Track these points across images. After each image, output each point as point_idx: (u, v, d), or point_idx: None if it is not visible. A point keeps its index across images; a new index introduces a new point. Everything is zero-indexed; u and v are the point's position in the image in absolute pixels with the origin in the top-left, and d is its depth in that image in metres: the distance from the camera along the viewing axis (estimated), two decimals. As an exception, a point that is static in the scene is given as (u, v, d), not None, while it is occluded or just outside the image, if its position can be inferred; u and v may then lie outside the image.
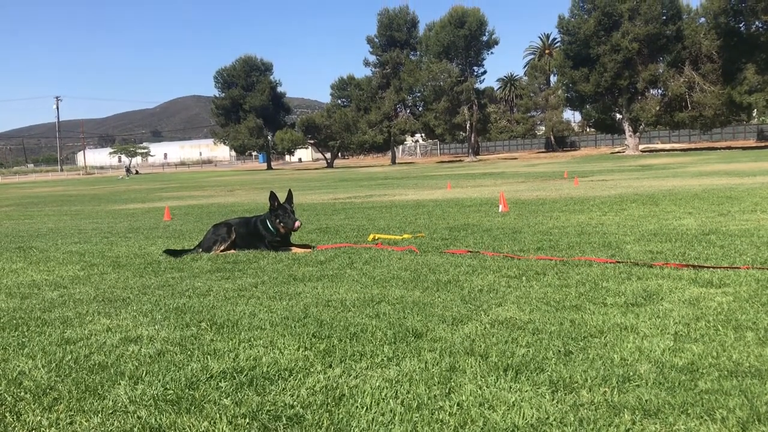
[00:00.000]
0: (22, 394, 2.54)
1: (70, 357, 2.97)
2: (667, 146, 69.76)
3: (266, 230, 6.17)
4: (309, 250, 6.08)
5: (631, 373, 2.50)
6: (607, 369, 2.55)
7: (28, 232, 9.78)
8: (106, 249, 6.95)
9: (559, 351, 2.78)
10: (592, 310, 3.43)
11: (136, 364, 2.83)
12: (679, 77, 55.14)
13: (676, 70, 55.58)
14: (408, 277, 4.55)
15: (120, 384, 2.60)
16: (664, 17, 55.60)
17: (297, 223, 6.08)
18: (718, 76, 53.73)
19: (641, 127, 59.88)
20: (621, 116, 60.22)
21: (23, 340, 3.31)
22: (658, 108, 57.16)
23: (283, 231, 6.14)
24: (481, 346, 2.88)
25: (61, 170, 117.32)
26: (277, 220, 6.09)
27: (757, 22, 51.41)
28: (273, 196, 6.16)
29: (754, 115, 68.64)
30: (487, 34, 68.92)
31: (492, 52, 70.99)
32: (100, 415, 2.33)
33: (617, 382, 2.42)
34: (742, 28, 53.05)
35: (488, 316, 3.40)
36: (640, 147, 60.77)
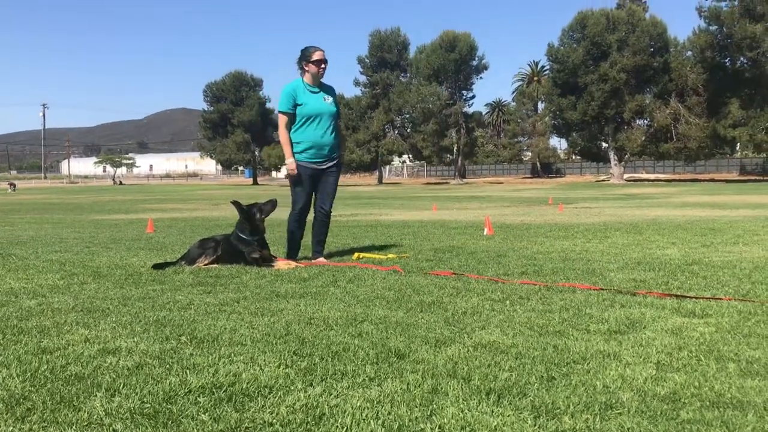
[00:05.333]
0: (-5, 403, 2.49)
1: (45, 367, 2.92)
2: (652, 176, 70.46)
3: (243, 243, 6.15)
4: (292, 265, 6.05)
5: (614, 401, 2.49)
6: (590, 396, 2.54)
7: (8, 239, 9.66)
8: (87, 259, 6.87)
9: (542, 376, 2.77)
10: (575, 336, 3.43)
11: (114, 376, 2.78)
12: (665, 109, 55.85)
13: (662, 102, 56.32)
14: (392, 297, 4.53)
15: (96, 396, 2.55)
16: (652, 49, 56.45)
17: (273, 200, 6.44)
18: (703, 109, 54.49)
19: (626, 156, 60.48)
20: (607, 145, 60.82)
21: (-2, 348, 3.25)
22: (643, 138, 57.81)
23: (263, 225, 6.29)
24: (463, 368, 2.86)
25: (45, 178, 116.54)
26: (258, 215, 6.21)
27: (742, 58, 52.30)
28: (237, 203, 6.33)
29: (737, 149, 69.59)
30: (477, 59, 69.57)
31: (481, 77, 71.62)
32: (74, 427, 2.28)
33: (599, 410, 2.40)
34: (727, 63, 53.93)
35: (471, 339, 3.38)
36: (625, 176, 61.34)
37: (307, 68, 6.39)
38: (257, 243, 6.16)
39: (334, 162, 6.56)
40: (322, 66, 6.38)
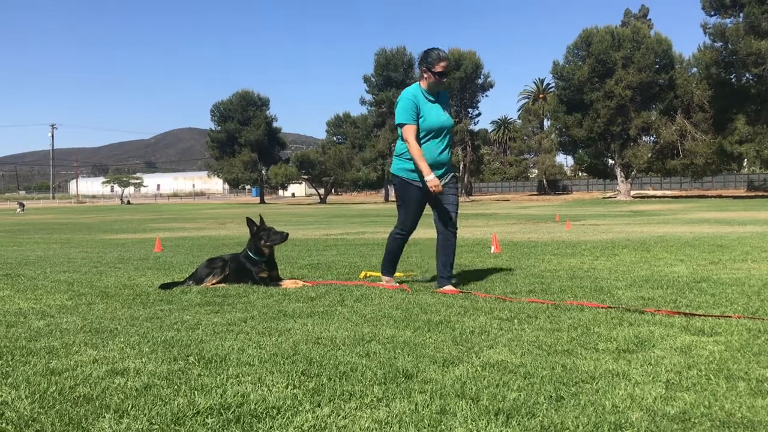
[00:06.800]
0: (4, 425, 2.49)
1: (54, 388, 2.92)
2: (659, 193, 70.29)
3: (251, 262, 6.15)
4: (299, 284, 6.05)
5: (623, 421, 2.47)
6: (599, 416, 2.52)
7: (17, 259, 9.70)
8: (95, 279, 6.89)
9: (551, 396, 2.76)
10: (583, 355, 3.41)
11: (122, 398, 2.78)
12: (671, 125, 55.84)
13: (668, 118, 56.32)
14: (399, 316, 4.52)
15: (105, 417, 2.56)
16: (657, 66, 56.55)
17: (285, 234, 6.22)
18: (710, 126, 54.46)
19: (633, 173, 60.37)
20: (613, 162, 60.75)
21: (7, 369, 3.26)
22: (650, 155, 57.77)
23: (268, 251, 6.17)
24: (472, 388, 2.85)
25: (53, 198, 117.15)
26: (262, 241, 6.11)
27: (747, 74, 52.28)
28: (251, 222, 6.22)
29: (744, 164, 69.37)
30: (482, 76, 69.88)
31: (487, 95, 72.12)
32: (82, 449, 2.28)
33: (609, 430, 2.39)
34: (733, 80, 53.93)
35: (479, 358, 3.37)
36: (632, 193, 61.21)
37: (426, 75, 5.67)
38: (265, 263, 6.17)
39: (451, 175, 5.98)
40: (443, 80, 5.70)
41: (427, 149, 5.68)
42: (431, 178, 5.61)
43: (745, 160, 61.01)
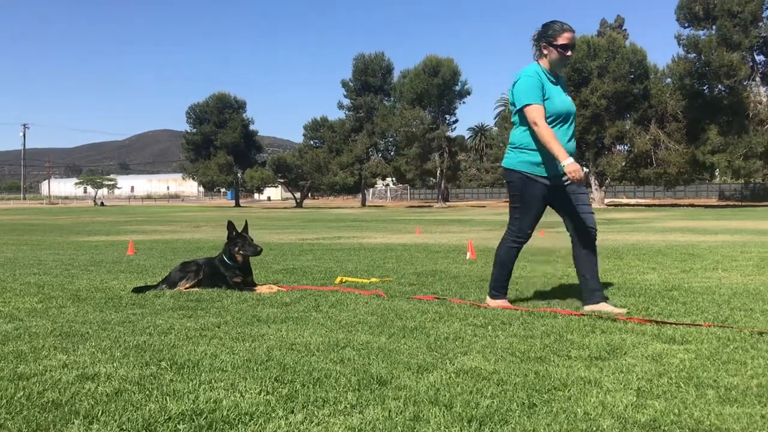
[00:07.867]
0: (-30, 431, 2.45)
1: (22, 393, 2.87)
2: (632, 201, 71.09)
3: (226, 267, 6.12)
4: (273, 290, 6.02)
5: (594, 428, 2.49)
6: (571, 423, 2.54)
7: (-14, 261, 9.53)
8: (66, 281, 6.79)
9: (524, 403, 2.77)
10: (556, 362, 3.44)
11: (92, 403, 2.75)
12: (645, 134, 56.51)
13: (642, 128, 57.00)
14: (374, 322, 4.52)
15: (74, 423, 2.52)
16: (632, 76, 57.23)
17: (258, 249, 6.18)
18: (683, 135, 55.21)
19: (607, 181, 61.01)
20: (587, 170, 61.28)
21: (-26, 373, 3.20)
22: (623, 163, 58.39)
23: (241, 259, 6.13)
24: (445, 395, 2.86)
25: (24, 199, 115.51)
26: (236, 248, 6.08)
27: (719, 86, 53.15)
28: (231, 225, 6.19)
29: (716, 174, 70.41)
30: (459, 83, 70.23)
31: (464, 102, 72.42)
32: (50, 455, 2.24)
33: (580, 437, 2.41)
34: (706, 91, 54.79)
35: (453, 365, 3.38)
36: (606, 201, 61.85)
37: (546, 51, 4.91)
38: (239, 269, 6.13)
39: None
40: (568, 53, 4.89)
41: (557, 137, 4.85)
42: (570, 162, 4.78)
43: (717, 170, 61.94)
